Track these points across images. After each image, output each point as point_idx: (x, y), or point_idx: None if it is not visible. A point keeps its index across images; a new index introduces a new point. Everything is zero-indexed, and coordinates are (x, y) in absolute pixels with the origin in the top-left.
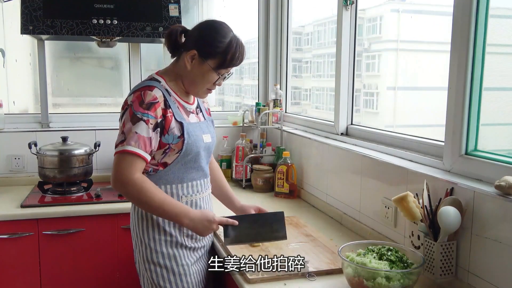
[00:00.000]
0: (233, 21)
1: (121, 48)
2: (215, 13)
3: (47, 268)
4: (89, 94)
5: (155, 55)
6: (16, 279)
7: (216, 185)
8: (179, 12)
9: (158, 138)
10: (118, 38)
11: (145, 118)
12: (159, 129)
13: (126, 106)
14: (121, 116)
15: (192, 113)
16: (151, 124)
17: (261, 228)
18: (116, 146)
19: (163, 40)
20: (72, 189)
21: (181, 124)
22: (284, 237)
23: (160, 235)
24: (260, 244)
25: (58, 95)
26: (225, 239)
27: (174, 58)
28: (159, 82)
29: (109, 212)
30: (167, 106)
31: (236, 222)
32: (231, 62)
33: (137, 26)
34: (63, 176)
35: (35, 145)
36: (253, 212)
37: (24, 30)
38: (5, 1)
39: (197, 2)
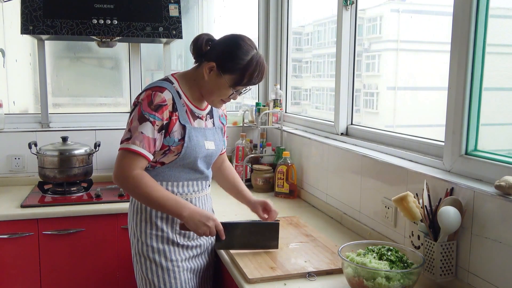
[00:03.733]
0: (233, 21)
1: (121, 48)
2: (215, 13)
3: (47, 268)
4: (89, 94)
5: (155, 55)
6: (16, 279)
7: (230, 185)
8: (179, 12)
9: (162, 139)
10: (118, 38)
11: (151, 119)
12: (163, 131)
13: (136, 103)
14: (131, 112)
15: (201, 118)
16: (157, 126)
17: (253, 236)
18: (122, 142)
19: (163, 40)
20: (72, 189)
21: (184, 128)
22: (275, 246)
23: (151, 230)
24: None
25: (58, 95)
26: (216, 243)
27: (196, 64)
28: (172, 84)
29: (109, 212)
30: (174, 109)
31: (223, 237)
32: (249, 81)
33: (137, 26)
34: (63, 176)
35: (35, 145)
36: (259, 208)
37: (24, 30)
38: (5, 1)
39: (197, 2)
